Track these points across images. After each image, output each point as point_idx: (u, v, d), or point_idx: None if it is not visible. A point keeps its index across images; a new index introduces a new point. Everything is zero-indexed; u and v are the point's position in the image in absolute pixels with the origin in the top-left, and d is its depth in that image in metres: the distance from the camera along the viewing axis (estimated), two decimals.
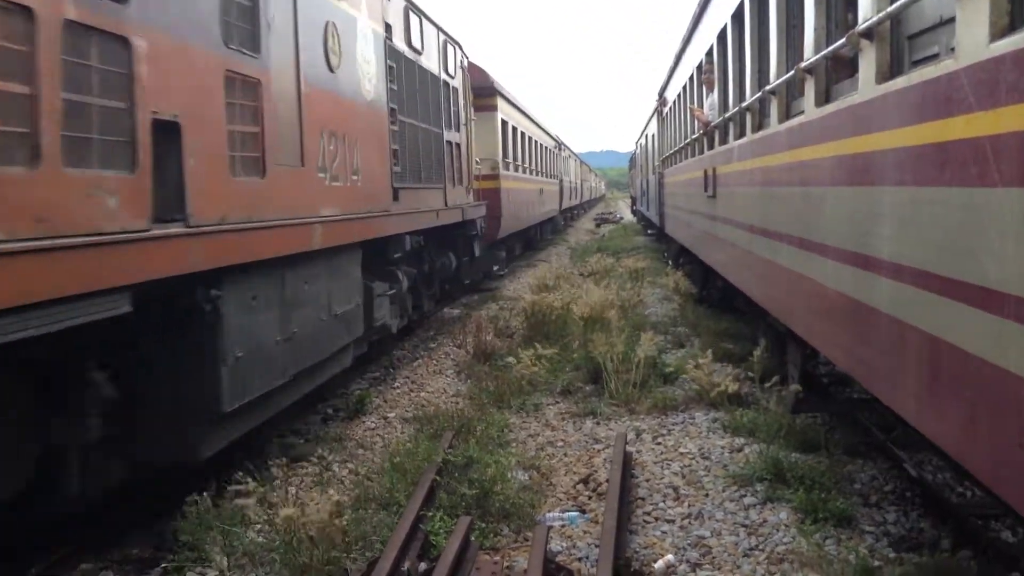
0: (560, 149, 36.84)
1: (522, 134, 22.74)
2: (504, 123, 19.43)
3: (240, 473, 5.37)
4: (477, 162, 15.29)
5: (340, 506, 4.65)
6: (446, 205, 11.51)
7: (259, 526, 5.31)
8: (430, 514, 5.20)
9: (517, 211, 20.48)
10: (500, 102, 18.83)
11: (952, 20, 3.26)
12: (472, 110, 14.80)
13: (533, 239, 28.37)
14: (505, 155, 19.33)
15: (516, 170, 21.21)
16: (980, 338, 2.99)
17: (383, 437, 7.43)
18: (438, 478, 5.73)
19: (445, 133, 11.88)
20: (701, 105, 11.63)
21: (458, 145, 12.86)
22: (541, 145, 27.78)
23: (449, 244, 12.76)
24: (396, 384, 9.43)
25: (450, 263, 12.68)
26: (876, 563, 4.57)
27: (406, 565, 4.41)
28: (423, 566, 4.49)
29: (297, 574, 4.50)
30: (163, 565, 4.90)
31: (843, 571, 4.46)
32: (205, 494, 5.10)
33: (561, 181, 35.37)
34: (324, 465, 6.59)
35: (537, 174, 26.18)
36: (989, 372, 2.91)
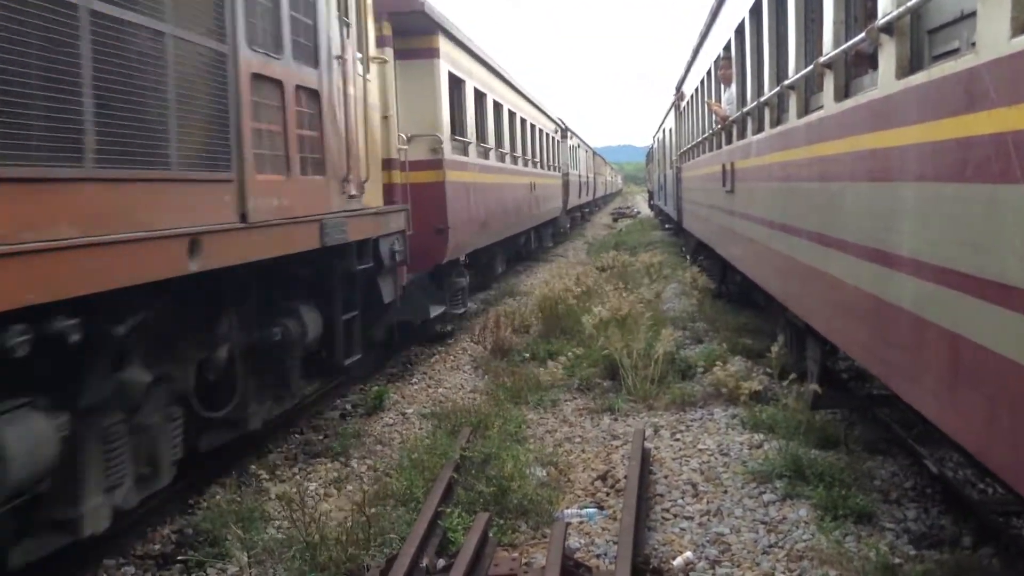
0: (565, 136, 30.58)
1: (496, 105, 15.71)
2: (456, 81, 12.38)
3: (257, 468, 5.41)
4: (404, 140, 9.71)
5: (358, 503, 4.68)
6: (244, 219, 5.11)
7: (278, 522, 5.35)
8: (448, 510, 5.21)
9: (486, 216, 13.86)
10: (444, 44, 11.43)
11: (973, 14, 3.23)
12: (380, 48, 8.83)
13: (527, 249, 22.10)
14: (458, 131, 12.38)
15: (484, 156, 14.23)
16: (1001, 335, 2.97)
17: (401, 433, 7.46)
18: (456, 475, 5.74)
19: (250, 55, 5.28)
20: (719, 99, 11.57)
21: (314, 93, 6.34)
22: (533, 127, 21.42)
23: (312, 293, 6.61)
24: (414, 380, 9.46)
25: (303, 331, 6.22)
26: (896, 560, 4.55)
27: (424, 561, 4.43)
28: (441, 562, 4.50)
29: (316, 570, 4.53)
30: (183, 559, 4.94)
31: (863, 568, 4.44)
32: (225, 490, 5.14)
33: (566, 174, 29.36)
34: (342, 461, 6.63)
35: (527, 164, 19.83)
36: (1010, 369, 2.89)
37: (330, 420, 7.85)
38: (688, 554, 4.79)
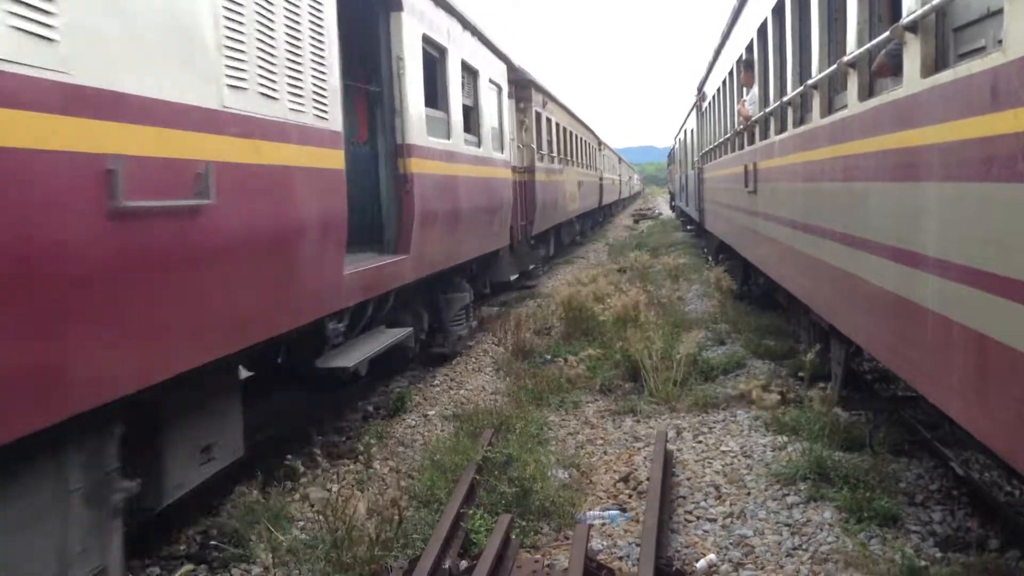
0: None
1: None
2: None
3: (281, 469, 5.44)
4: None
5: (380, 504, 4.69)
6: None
7: (303, 523, 5.38)
8: (470, 512, 5.22)
9: None
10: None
11: (1000, 12, 3.20)
12: None
13: None
14: None
15: None
16: None
17: (423, 435, 7.47)
18: (478, 476, 5.74)
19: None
20: (741, 100, 11.53)
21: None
22: None
23: None
24: (436, 382, 9.47)
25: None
26: (922, 563, 4.50)
27: (447, 563, 4.43)
28: (464, 564, 4.51)
29: (340, 571, 4.55)
30: (209, 560, 4.98)
31: (888, 571, 4.41)
32: (251, 489, 5.17)
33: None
34: (365, 463, 6.64)
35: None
36: None
37: (352, 422, 7.88)
38: (711, 556, 4.77)
